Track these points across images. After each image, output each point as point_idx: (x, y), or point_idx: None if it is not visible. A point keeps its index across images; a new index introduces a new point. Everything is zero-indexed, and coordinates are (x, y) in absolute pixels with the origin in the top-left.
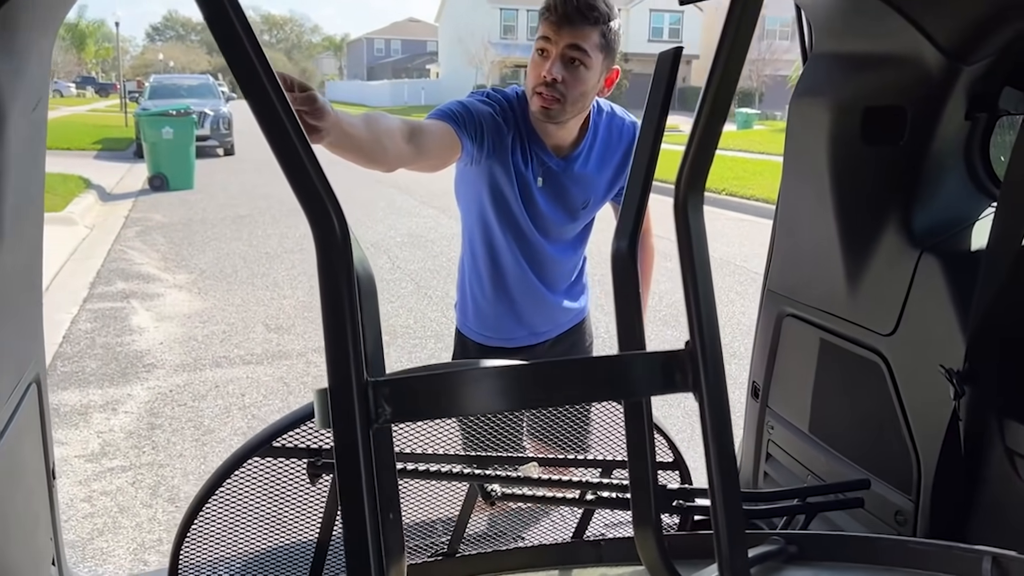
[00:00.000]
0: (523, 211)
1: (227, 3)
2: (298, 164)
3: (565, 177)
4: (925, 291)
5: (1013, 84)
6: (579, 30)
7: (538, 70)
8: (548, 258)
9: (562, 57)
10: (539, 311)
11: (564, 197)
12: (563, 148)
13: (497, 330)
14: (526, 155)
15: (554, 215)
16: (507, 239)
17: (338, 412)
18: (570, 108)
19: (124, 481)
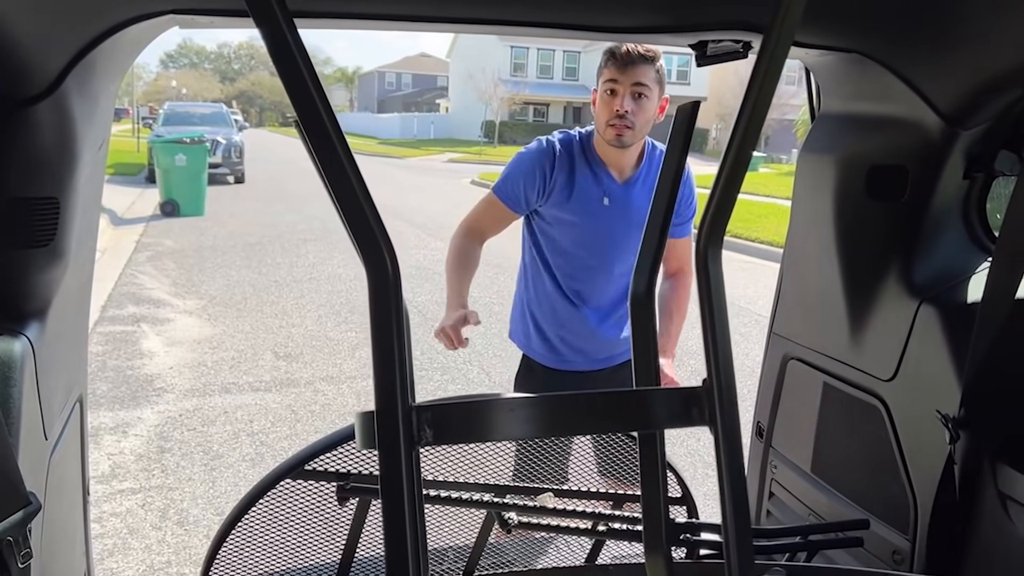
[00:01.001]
0: (589, 229)
1: (295, 48)
2: (354, 203)
3: (627, 198)
4: (923, 339)
5: (1008, 147)
6: (640, 69)
7: (610, 106)
8: (604, 285)
9: (630, 93)
10: (590, 341)
11: (627, 217)
12: (624, 173)
13: (557, 355)
14: (596, 178)
15: (617, 233)
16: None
17: (384, 433)
18: (639, 133)
19: (134, 503)
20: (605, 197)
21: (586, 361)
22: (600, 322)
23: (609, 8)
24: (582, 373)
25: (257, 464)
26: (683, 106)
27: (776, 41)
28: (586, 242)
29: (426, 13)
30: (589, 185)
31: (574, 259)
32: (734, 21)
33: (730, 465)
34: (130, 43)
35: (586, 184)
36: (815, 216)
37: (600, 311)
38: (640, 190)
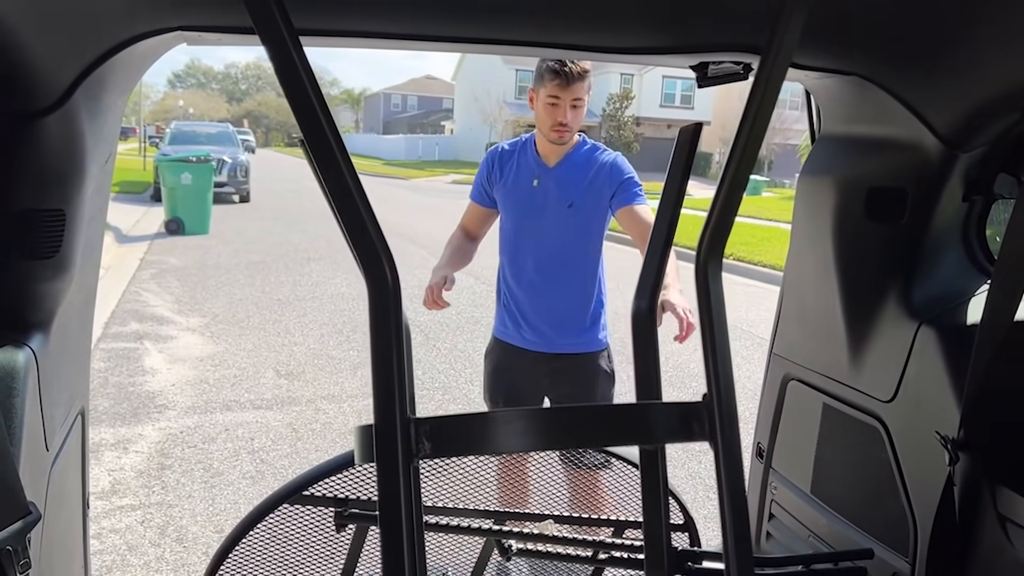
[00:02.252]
0: (524, 206)
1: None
2: (356, 219)
3: (551, 178)
4: (923, 361)
5: (1007, 171)
6: (578, 86)
7: (553, 116)
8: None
9: (570, 105)
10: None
11: (551, 193)
12: (552, 159)
13: (508, 326)
14: (529, 166)
15: (547, 205)
16: (512, 236)
17: (382, 446)
18: (573, 132)
19: (133, 520)
20: (535, 179)
21: (537, 338)
22: (541, 293)
23: (611, 29)
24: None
25: (257, 482)
26: (685, 128)
27: (773, 62)
28: (522, 218)
29: (432, 32)
30: (524, 171)
31: (516, 235)
32: (734, 43)
33: (730, 480)
34: (138, 59)
35: (522, 171)
36: (815, 237)
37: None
38: (565, 173)
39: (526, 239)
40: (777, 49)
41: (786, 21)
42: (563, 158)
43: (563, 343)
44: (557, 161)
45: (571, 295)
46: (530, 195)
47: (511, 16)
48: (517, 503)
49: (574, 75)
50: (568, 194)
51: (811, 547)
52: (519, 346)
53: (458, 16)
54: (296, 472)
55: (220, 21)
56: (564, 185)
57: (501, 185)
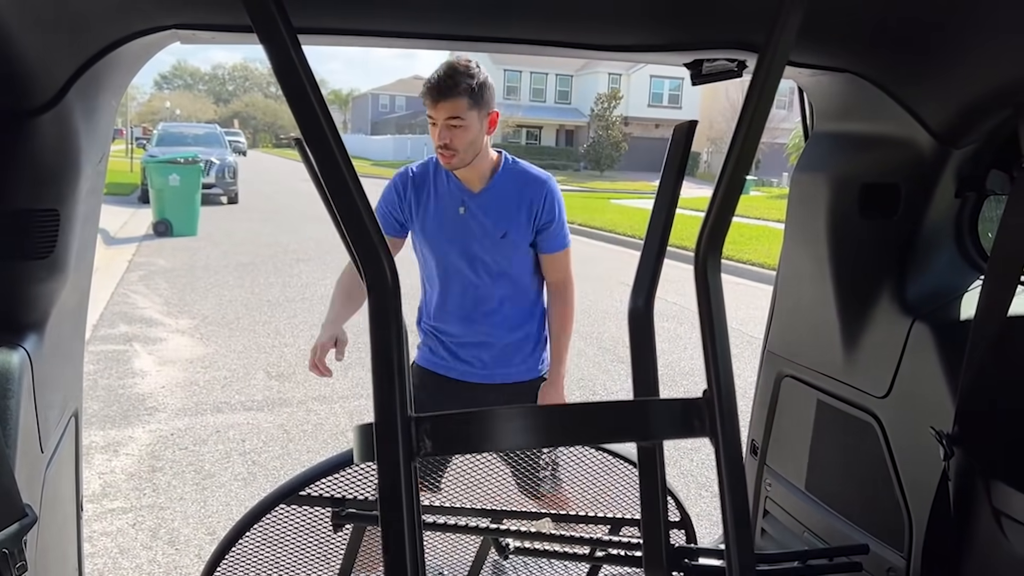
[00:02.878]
0: (451, 236)
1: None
2: (356, 218)
3: (479, 206)
4: (917, 357)
5: (999, 167)
6: (449, 103)
7: (433, 137)
8: (476, 285)
9: (444, 126)
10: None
11: (481, 221)
12: (475, 183)
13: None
14: (451, 192)
15: (478, 234)
16: (441, 268)
17: (383, 444)
18: (463, 156)
19: (125, 523)
20: (461, 207)
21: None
22: (480, 325)
23: (605, 27)
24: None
25: (249, 484)
26: (680, 125)
27: (771, 60)
28: (451, 248)
29: (425, 30)
30: (445, 197)
31: (445, 267)
32: (729, 40)
33: (731, 476)
34: (132, 58)
35: (443, 197)
36: (808, 234)
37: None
38: (494, 199)
39: (457, 270)
40: (775, 47)
41: (784, 19)
42: (488, 183)
43: (505, 373)
44: (482, 187)
45: (513, 324)
46: (457, 224)
47: (508, 14)
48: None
49: (442, 88)
50: (500, 223)
51: (806, 543)
52: (455, 378)
53: (456, 14)
54: (288, 474)
55: (216, 19)
56: (494, 214)
57: (420, 213)
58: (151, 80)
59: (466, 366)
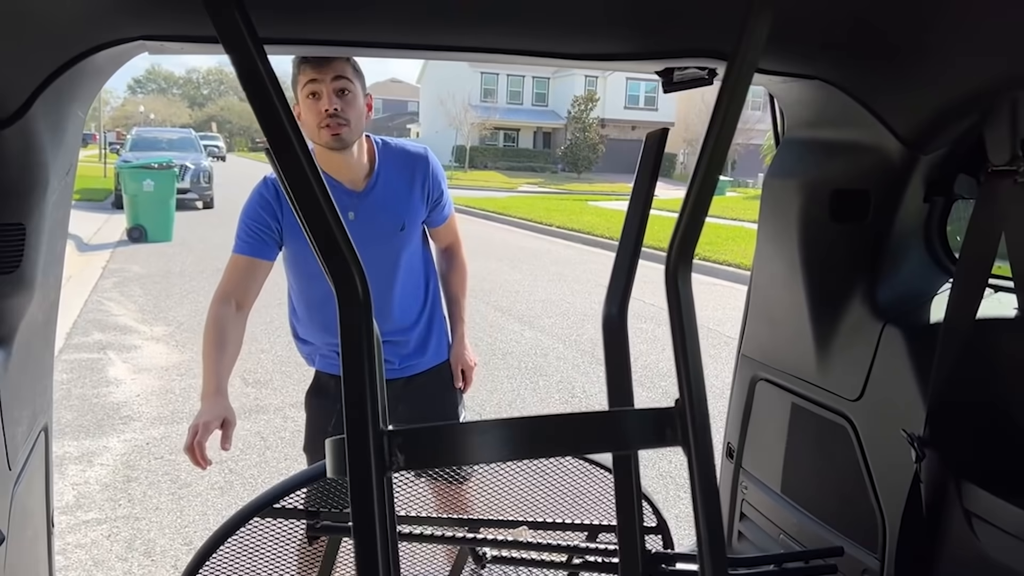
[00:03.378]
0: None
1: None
2: (324, 228)
3: (369, 206)
4: (889, 360)
5: (966, 171)
6: (337, 63)
7: (316, 109)
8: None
9: (334, 90)
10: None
11: (376, 221)
12: (359, 181)
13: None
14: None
15: (373, 238)
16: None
17: (355, 458)
18: (355, 130)
19: (99, 534)
20: (350, 212)
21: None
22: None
23: (579, 36)
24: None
25: (226, 492)
26: (652, 133)
27: (739, 68)
28: None
29: (396, 40)
30: None
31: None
32: (699, 49)
33: (703, 484)
34: (99, 69)
35: None
36: (781, 239)
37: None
38: (383, 191)
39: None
40: (743, 55)
41: (751, 27)
42: (371, 177)
43: (419, 363)
44: (366, 183)
45: (418, 314)
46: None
47: (478, 24)
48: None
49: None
50: (396, 215)
51: (782, 546)
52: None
53: (425, 24)
54: (266, 482)
55: (183, 30)
56: (388, 207)
57: (296, 229)
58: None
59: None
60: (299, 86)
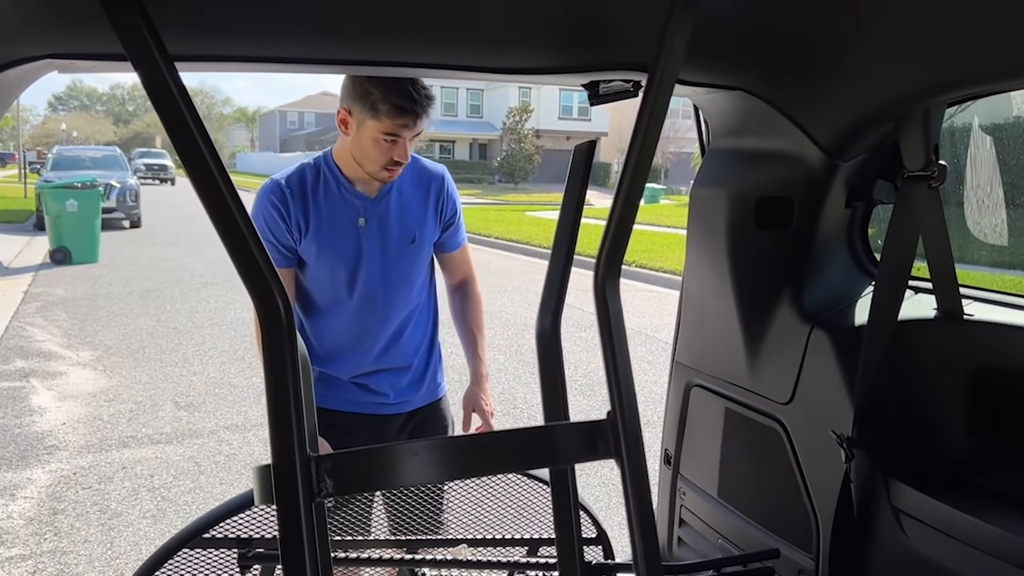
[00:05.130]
0: (349, 253)
1: (176, 92)
2: (243, 247)
3: (382, 213)
4: (816, 363)
5: (884, 177)
6: (423, 119)
7: (388, 153)
8: (381, 303)
9: (410, 140)
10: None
11: (387, 230)
12: (373, 189)
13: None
14: (345, 200)
15: (383, 247)
16: (338, 291)
17: (282, 486)
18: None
19: (24, 570)
20: (360, 217)
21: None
22: (390, 350)
23: (503, 50)
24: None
25: (159, 521)
26: (580, 146)
27: (660, 80)
28: (348, 269)
29: (318, 56)
30: (338, 209)
31: (340, 291)
32: (623, 62)
33: (637, 495)
34: (4, 89)
35: (335, 209)
36: (709, 247)
37: (389, 340)
38: (397, 201)
39: (364, 295)
40: (663, 67)
41: (670, 40)
42: (390, 186)
43: (414, 399)
44: (379, 189)
45: (419, 342)
46: (358, 239)
47: (400, 38)
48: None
49: (424, 106)
50: (407, 227)
51: (721, 550)
52: (367, 412)
53: (346, 39)
54: (200, 508)
55: (92, 48)
56: (402, 218)
57: (311, 234)
58: (45, 102)
59: (376, 397)
60: (374, 121)
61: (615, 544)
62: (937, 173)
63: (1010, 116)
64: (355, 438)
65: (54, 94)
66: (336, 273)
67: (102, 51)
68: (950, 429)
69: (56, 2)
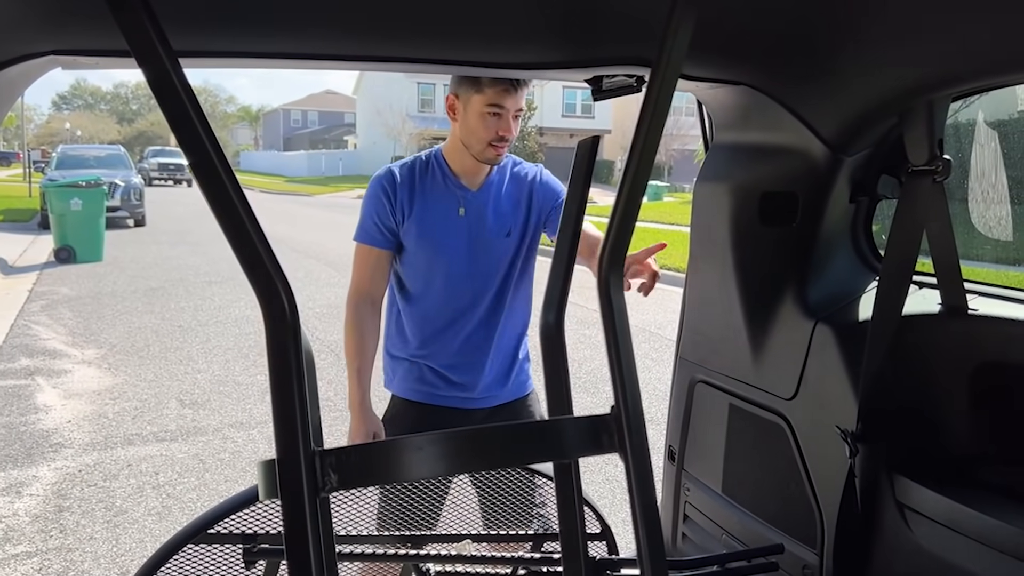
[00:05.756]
0: (449, 241)
1: (180, 88)
2: (248, 243)
3: (480, 205)
4: (820, 358)
5: (888, 172)
6: (522, 94)
7: (494, 128)
8: (475, 295)
9: (514, 116)
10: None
11: (484, 222)
12: (475, 182)
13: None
14: (448, 190)
15: (480, 238)
16: (434, 279)
17: (286, 481)
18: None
19: (30, 567)
20: (460, 207)
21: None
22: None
23: (507, 46)
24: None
25: (164, 518)
26: (583, 142)
27: (663, 75)
28: (448, 257)
29: (322, 52)
30: (441, 198)
31: (438, 279)
32: (626, 57)
33: (641, 490)
34: (7, 85)
35: (438, 198)
36: (712, 243)
37: (482, 331)
38: (495, 195)
39: (457, 282)
40: (666, 62)
41: (673, 35)
42: (486, 179)
43: (500, 394)
44: (480, 183)
45: (512, 337)
46: (457, 228)
47: (405, 34)
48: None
49: (519, 81)
50: (504, 221)
51: (725, 546)
52: (446, 406)
53: (350, 35)
54: (205, 505)
55: (95, 44)
56: (498, 211)
57: (413, 219)
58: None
59: (459, 391)
60: (477, 95)
61: (619, 540)
62: (941, 168)
63: (1015, 110)
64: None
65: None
66: (431, 258)
67: (106, 47)
68: (954, 424)
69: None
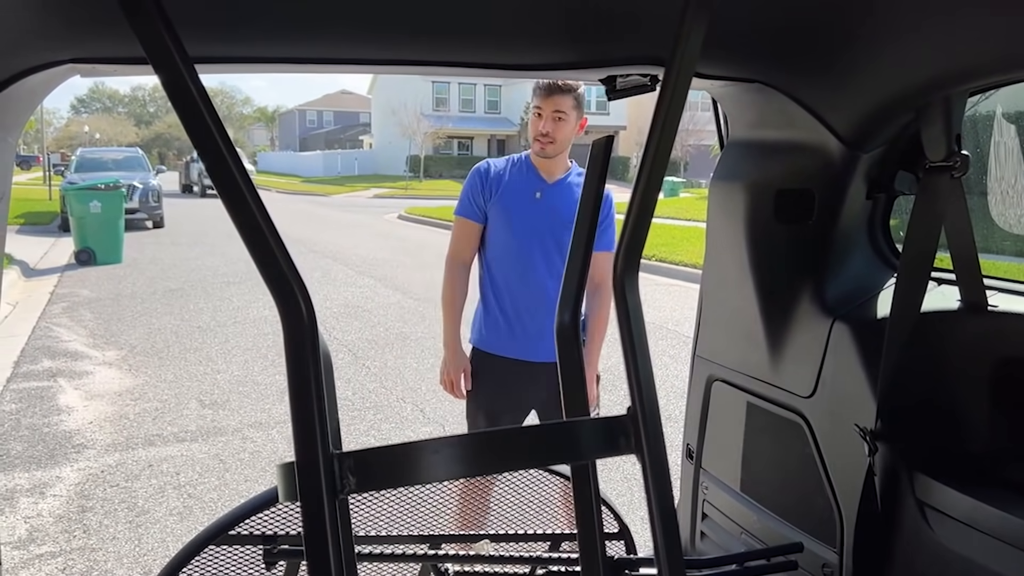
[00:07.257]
0: (526, 218)
1: (196, 94)
2: (265, 248)
3: (555, 194)
4: (838, 356)
5: (905, 168)
6: (557, 98)
7: (535, 126)
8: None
9: (551, 117)
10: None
11: (557, 209)
12: (553, 176)
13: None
14: (528, 178)
15: (553, 219)
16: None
17: (305, 484)
18: (560, 146)
19: (54, 568)
20: (537, 192)
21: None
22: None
23: (521, 47)
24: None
25: (185, 518)
26: (597, 140)
27: (677, 74)
28: (528, 230)
29: (335, 56)
30: (523, 182)
31: (521, 248)
32: (640, 56)
33: (658, 491)
34: (28, 94)
35: (520, 182)
36: (728, 240)
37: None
38: (566, 190)
39: (536, 251)
40: (680, 61)
41: (686, 34)
42: (561, 177)
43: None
44: (557, 178)
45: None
46: (535, 207)
47: (419, 38)
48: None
49: (554, 88)
50: (570, 210)
51: (744, 544)
52: (528, 359)
53: (365, 39)
54: (226, 505)
55: (113, 52)
56: (567, 203)
57: (498, 197)
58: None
59: (528, 342)
60: (534, 98)
61: (637, 539)
62: (959, 163)
63: None
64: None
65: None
66: (513, 230)
67: (123, 55)
68: (975, 421)
69: (78, 7)
